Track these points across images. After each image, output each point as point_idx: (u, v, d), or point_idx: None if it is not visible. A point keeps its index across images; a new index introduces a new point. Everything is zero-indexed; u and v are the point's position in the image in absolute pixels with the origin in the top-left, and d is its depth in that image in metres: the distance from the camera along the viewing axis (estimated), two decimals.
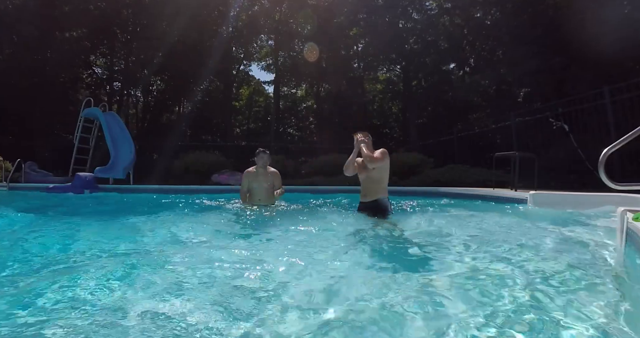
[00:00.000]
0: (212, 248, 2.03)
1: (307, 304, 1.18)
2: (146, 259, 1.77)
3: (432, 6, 17.01)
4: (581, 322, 1.02)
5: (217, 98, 19.49)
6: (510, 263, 1.63)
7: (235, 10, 17.75)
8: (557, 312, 1.08)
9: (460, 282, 1.36)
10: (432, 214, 3.96)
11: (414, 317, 1.06)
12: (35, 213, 3.69)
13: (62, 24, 14.21)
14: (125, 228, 2.97)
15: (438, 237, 2.39)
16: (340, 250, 1.99)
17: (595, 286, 1.31)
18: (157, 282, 1.39)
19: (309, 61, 17.23)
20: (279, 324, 1.03)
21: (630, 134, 1.97)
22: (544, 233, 2.37)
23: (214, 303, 1.18)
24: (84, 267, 1.65)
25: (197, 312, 1.11)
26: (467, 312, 1.09)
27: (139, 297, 1.24)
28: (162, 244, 2.29)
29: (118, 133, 9.39)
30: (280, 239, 2.42)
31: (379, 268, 1.66)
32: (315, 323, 1.03)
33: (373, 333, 0.98)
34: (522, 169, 5.33)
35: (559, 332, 0.96)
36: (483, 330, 0.98)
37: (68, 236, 2.52)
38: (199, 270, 1.56)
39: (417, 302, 1.15)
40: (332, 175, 9.23)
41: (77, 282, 1.39)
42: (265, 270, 1.58)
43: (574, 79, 9.97)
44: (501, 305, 1.14)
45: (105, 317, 1.07)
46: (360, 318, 1.04)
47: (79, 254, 2.00)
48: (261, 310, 1.13)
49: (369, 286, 1.33)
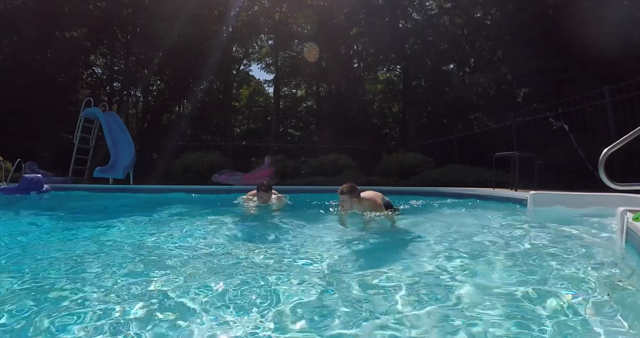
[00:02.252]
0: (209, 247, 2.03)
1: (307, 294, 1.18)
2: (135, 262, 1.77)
3: (432, 6, 17.02)
4: (581, 321, 1.01)
5: (217, 98, 19.48)
6: (509, 263, 1.63)
7: (235, 10, 17.76)
8: (556, 312, 1.08)
9: (460, 283, 1.36)
10: (432, 214, 3.96)
11: (414, 317, 1.06)
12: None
13: (62, 24, 14.21)
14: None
15: (438, 237, 2.39)
16: (335, 249, 1.99)
17: (595, 286, 1.31)
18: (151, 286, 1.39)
19: (309, 61, 17.23)
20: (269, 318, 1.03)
21: (630, 134, 1.97)
22: (544, 233, 2.37)
23: (213, 303, 1.18)
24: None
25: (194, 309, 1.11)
26: (466, 312, 1.09)
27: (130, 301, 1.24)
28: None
29: (118, 133, 9.38)
30: (281, 238, 2.42)
31: (371, 268, 1.66)
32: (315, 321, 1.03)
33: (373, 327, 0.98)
34: (522, 169, 5.33)
35: (558, 332, 0.96)
36: (481, 329, 0.97)
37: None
38: (200, 269, 1.56)
39: (416, 302, 1.15)
40: (332, 175, 9.24)
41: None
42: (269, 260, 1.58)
43: (574, 79, 9.96)
44: (499, 304, 1.14)
45: None
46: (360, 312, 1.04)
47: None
48: (261, 306, 1.13)
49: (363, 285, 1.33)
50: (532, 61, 10.66)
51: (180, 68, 15.81)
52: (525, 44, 11.21)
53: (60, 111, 14.24)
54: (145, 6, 15.35)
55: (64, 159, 10.42)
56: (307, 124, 21.92)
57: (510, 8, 12.72)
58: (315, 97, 20.73)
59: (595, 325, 1.00)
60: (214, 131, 19.93)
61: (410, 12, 16.82)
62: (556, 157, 7.18)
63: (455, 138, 11.25)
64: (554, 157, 7.29)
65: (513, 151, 5.52)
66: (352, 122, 17.71)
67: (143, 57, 16.38)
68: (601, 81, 7.22)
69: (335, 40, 17.13)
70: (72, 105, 14.59)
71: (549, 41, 10.86)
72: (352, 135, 15.64)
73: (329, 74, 17.63)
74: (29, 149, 11.63)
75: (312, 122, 21.19)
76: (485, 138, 10.81)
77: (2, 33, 13.28)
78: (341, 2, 17.05)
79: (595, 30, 8.24)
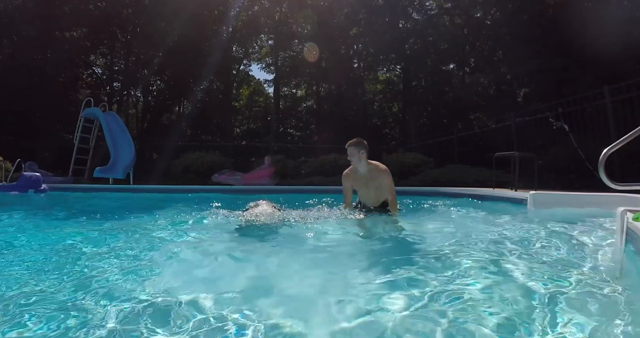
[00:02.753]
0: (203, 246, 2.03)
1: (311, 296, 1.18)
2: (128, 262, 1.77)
3: (432, 6, 17.03)
4: (580, 323, 1.01)
5: (217, 98, 19.50)
6: (509, 263, 1.63)
7: (235, 10, 17.78)
8: (555, 313, 1.08)
9: (460, 282, 1.36)
10: (432, 214, 3.96)
11: (411, 315, 1.06)
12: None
13: (62, 24, 14.23)
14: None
15: (438, 237, 2.39)
16: (335, 249, 1.99)
17: (594, 286, 1.31)
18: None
19: (309, 61, 17.25)
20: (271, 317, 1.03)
21: (630, 134, 1.96)
22: (543, 233, 2.37)
23: (211, 304, 1.18)
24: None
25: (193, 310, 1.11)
26: (465, 312, 1.09)
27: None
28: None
29: (118, 133, 9.39)
30: (281, 238, 2.42)
31: (374, 273, 1.66)
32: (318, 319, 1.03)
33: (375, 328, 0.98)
34: (522, 169, 5.33)
35: (558, 333, 0.96)
36: (480, 330, 0.97)
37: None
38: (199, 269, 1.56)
39: (416, 302, 1.15)
40: (332, 175, 9.23)
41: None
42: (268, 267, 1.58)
43: (574, 79, 9.97)
44: (498, 306, 1.14)
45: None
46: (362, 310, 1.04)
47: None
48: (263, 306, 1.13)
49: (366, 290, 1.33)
50: (532, 61, 10.67)
51: (180, 68, 15.82)
52: (525, 44, 11.21)
53: (60, 111, 14.25)
54: (145, 6, 15.36)
55: (64, 159, 10.43)
56: (307, 124, 21.94)
57: (510, 8, 12.73)
58: (315, 97, 20.75)
59: (595, 325, 1.00)
60: (214, 131, 19.95)
61: (410, 12, 16.84)
62: (556, 157, 7.18)
63: (455, 138, 11.25)
64: (554, 157, 7.29)
65: (513, 151, 5.52)
66: (352, 123, 17.72)
67: (143, 57, 16.40)
68: (601, 81, 7.22)
69: (335, 40, 17.15)
70: (72, 105, 14.61)
71: (549, 41, 10.87)
72: (352, 135, 15.58)
73: (329, 74, 17.65)
74: (29, 149, 11.64)
75: (312, 122, 21.21)
76: (485, 138, 10.81)
77: (2, 33, 13.29)
78: (341, 2, 17.07)
79: (595, 30, 8.25)
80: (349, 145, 3.11)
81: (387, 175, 3.10)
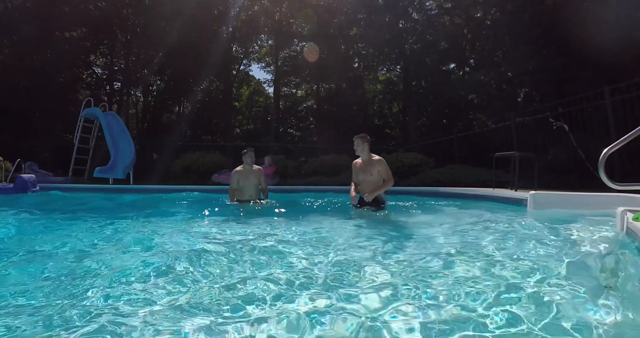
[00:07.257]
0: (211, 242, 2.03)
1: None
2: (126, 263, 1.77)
3: (432, 6, 17.02)
4: (580, 323, 1.01)
5: (217, 98, 19.51)
6: (508, 263, 1.63)
7: (235, 10, 17.78)
8: (555, 313, 1.08)
9: (459, 282, 1.36)
10: (432, 214, 3.96)
11: (410, 315, 1.06)
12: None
13: (62, 24, 14.23)
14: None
15: (437, 237, 2.39)
16: (339, 246, 1.99)
17: (594, 286, 1.31)
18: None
19: (309, 61, 17.25)
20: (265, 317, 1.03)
21: (630, 134, 1.97)
22: (543, 233, 2.37)
23: (211, 303, 1.18)
24: None
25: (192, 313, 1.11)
26: (464, 312, 1.09)
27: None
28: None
29: (118, 133, 9.39)
30: (281, 236, 2.42)
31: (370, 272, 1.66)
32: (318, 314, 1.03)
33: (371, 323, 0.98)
34: (522, 169, 5.33)
35: (558, 334, 0.96)
36: (479, 330, 0.98)
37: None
38: (199, 268, 1.56)
39: (414, 302, 1.15)
40: (332, 175, 9.24)
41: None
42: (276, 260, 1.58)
43: (574, 79, 9.96)
44: (498, 306, 1.14)
45: None
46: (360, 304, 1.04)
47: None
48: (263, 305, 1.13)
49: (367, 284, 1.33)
50: (532, 60, 10.66)
51: (180, 68, 15.83)
52: (525, 43, 11.21)
53: (60, 111, 14.26)
54: (145, 6, 15.36)
55: (64, 159, 10.43)
56: (307, 124, 21.95)
57: (510, 8, 12.72)
58: (315, 97, 20.74)
59: (594, 326, 1.00)
60: (214, 131, 19.97)
61: (410, 12, 16.81)
62: (556, 157, 7.18)
63: (455, 138, 11.25)
64: (554, 157, 7.29)
65: (513, 151, 5.52)
66: (352, 123, 17.73)
67: (143, 57, 16.39)
68: (601, 81, 7.23)
69: (335, 40, 17.14)
70: (72, 105, 14.62)
71: (548, 41, 10.86)
72: (352, 135, 15.60)
73: (329, 74, 17.64)
74: (29, 149, 11.65)
75: (312, 122, 21.22)
76: (485, 138, 10.81)
77: (2, 33, 13.29)
78: (341, 2, 17.07)
79: (594, 30, 8.24)
80: (356, 137, 3.99)
81: (382, 163, 3.88)
